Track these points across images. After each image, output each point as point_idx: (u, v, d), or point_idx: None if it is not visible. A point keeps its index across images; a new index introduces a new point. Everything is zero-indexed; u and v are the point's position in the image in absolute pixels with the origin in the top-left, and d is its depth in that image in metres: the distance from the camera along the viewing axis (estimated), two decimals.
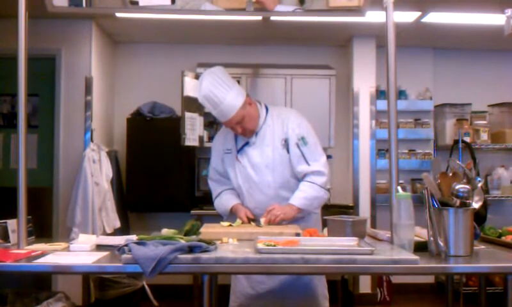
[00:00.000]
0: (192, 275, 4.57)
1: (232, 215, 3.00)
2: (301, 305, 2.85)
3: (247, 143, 2.96)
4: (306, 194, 2.89)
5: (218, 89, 2.78)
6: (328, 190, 3.00)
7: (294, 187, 2.94)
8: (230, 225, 2.78)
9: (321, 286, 2.92)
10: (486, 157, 5.91)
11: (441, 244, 2.20)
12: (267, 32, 5.47)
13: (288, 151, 2.91)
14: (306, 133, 2.94)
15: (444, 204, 2.31)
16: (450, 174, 2.43)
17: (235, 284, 2.97)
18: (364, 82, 5.69)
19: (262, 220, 2.81)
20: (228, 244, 2.41)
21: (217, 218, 3.10)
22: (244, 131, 2.90)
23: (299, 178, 2.95)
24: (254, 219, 2.88)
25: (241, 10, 2.75)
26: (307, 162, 2.91)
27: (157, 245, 2.10)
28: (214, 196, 3.14)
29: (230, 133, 3.02)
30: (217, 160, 3.09)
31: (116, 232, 4.96)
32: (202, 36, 5.73)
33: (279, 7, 2.73)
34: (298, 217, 2.93)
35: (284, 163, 2.92)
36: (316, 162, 2.92)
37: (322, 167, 2.93)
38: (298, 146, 2.90)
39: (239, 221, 2.85)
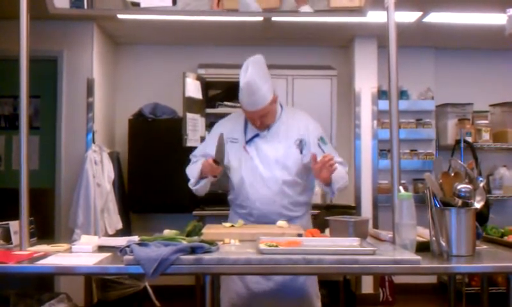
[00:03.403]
0: (195, 276, 4.57)
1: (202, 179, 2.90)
2: (295, 305, 2.85)
3: (257, 135, 2.94)
4: (339, 171, 2.80)
5: (260, 78, 2.81)
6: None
7: (299, 187, 2.94)
8: (232, 226, 2.78)
9: (314, 286, 2.92)
10: (487, 156, 5.90)
11: (443, 243, 2.20)
12: (269, 32, 5.47)
13: (301, 151, 2.91)
14: (323, 134, 2.99)
15: (446, 204, 2.31)
16: (452, 174, 2.42)
17: (227, 284, 2.91)
18: (366, 83, 5.69)
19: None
20: (230, 244, 2.41)
21: (220, 219, 3.09)
22: (262, 125, 2.90)
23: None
24: (217, 162, 2.75)
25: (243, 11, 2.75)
26: None
27: (159, 246, 2.10)
28: (189, 165, 3.03)
29: (239, 124, 2.99)
30: (214, 145, 2.86)
31: (118, 233, 4.96)
32: (203, 37, 5.73)
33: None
34: (293, 217, 2.93)
35: (294, 162, 2.90)
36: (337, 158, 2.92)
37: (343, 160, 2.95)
38: (319, 146, 2.89)
39: (241, 222, 2.85)
